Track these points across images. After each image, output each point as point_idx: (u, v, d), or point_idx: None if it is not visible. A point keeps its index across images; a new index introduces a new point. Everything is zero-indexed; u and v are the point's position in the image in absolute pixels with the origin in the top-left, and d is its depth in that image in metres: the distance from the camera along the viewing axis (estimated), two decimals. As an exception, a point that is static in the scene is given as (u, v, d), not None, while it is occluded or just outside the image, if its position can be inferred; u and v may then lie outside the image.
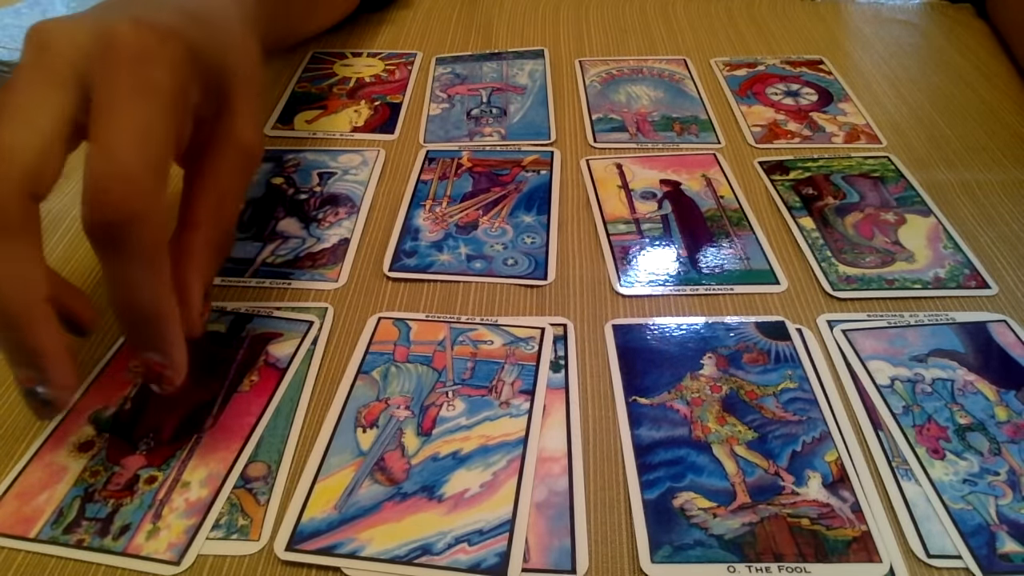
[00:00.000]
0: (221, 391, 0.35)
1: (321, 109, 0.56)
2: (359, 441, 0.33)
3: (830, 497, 0.31)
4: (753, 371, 0.36)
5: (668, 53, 0.63)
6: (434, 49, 0.64)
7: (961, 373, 0.36)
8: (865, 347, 0.37)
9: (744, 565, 0.29)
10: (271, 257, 0.43)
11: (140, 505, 0.31)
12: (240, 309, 0.40)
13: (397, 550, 0.29)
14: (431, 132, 0.54)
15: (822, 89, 0.58)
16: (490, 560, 0.29)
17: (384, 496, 0.31)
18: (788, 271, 0.42)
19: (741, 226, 0.45)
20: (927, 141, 0.52)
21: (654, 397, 0.35)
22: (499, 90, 0.58)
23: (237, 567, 0.29)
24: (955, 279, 0.41)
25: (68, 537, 0.30)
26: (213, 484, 0.32)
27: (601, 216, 0.46)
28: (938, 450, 0.32)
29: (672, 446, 0.33)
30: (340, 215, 0.46)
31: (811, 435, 0.33)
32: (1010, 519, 0.30)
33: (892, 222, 0.45)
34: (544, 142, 0.52)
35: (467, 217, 0.46)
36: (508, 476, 0.32)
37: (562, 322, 0.39)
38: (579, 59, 0.62)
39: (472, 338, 0.38)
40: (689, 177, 0.49)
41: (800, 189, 0.47)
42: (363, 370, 0.36)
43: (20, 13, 0.69)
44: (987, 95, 0.57)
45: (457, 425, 0.34)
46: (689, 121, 0.54)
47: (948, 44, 0.64)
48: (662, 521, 0.30)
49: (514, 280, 0.41)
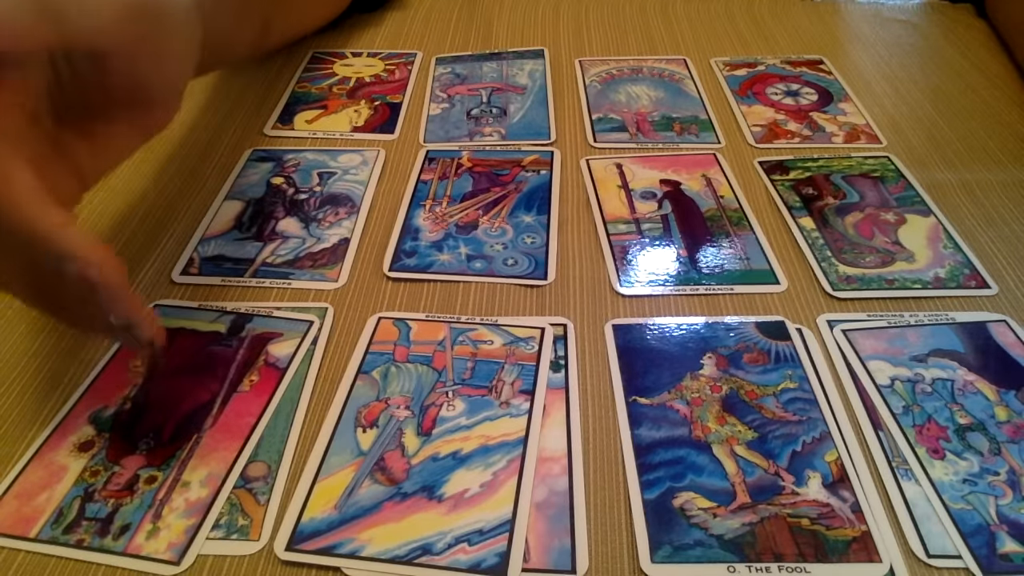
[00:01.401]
0: (221, 391, 0.35)
1: (321, 109, 0.56)
2: (359, 441, 0.33)
3: (830, 497, 0.31)
4: (753, 371, 0.36)
5: (668, 53, 0.63)
6: (434, 49, 0.64)
7: (961, 373, 0.36)
8: (865, 347, 0.37)
9: (744, 565, 0.29)
10: (271, 257, 0.43)
11: (140, 505, 0.31)
12: (240, 309, 0.40)
13: (397, 550, 0.29)
14: (431, 132, 0.54)
15: (822, 89, 0.58)
16: (490, 560, 0.29)
17: (384, 496, 0.31)
18: (788, 271, 0.42)
19: (741, 226, 0.45)
20: (927, 141, 0.52)
21: (654, 397, 0.35)
22: (499, 90, 0.58)
23: (237, 567, 0.29)
24: (955, 279, 0.41)
25: (68, 537, 0.30)
26: (213, 484, 0.32)
27: (601, 216, 0.46)
28: (938, 450, 0.32)
29: (672, 446, 0.33)
30: (340, 215, 0.46)
31: (811, 435, 0.33)
32: (1010, 519, 0.30)
33: (892, 222, 0.45)
34: (544, 142, 0.52)
35: (467, 217, 0.46)
36: (508, 476, 0.32)
37: (562, 322, 0.39)
38: (579, 59, 0.62)
39: (472, 338, 0.38)
40: (689, 177, 0.49)
41: (800, 189, 0.47)
42: (363, 370, 0.36)
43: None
44: (987, 95, 0.57)
45: (457, 425, 0.34)
46: (689, 121, 0.54)
47: (948, 44, 0.64)
48: (662, 521, 0.30)
49: (514, 280, 0.41)
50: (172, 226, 0.45)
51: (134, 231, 0.45)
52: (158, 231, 0.45)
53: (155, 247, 0.44)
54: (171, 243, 0.44)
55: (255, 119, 0.55)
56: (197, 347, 0.38)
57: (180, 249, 0.44)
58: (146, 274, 0.42)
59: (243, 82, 0.60)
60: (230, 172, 0.50)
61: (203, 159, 0.51)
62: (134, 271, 0.42)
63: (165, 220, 0.46)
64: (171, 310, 0.40)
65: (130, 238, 0.44)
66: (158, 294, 0.41)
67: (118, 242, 0.44)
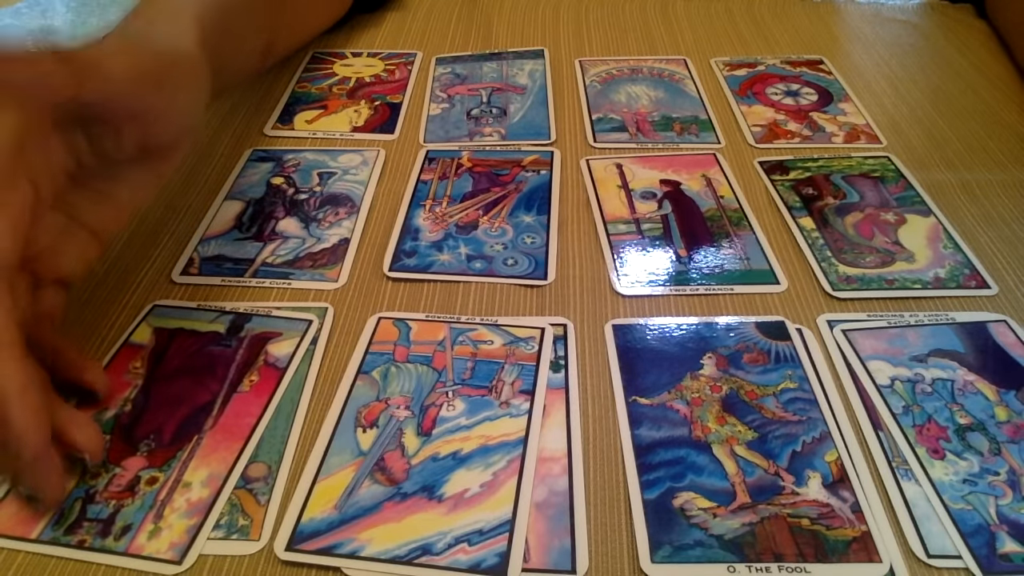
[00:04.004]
0: (221, 391, 0.35)
1: (321, 109, 0.56)
2: (359, 441, 0.33)
3: (830, 497, 0.31)
4: (753, 371, 0.36)
5: (668, 53, 0.63)
6: (434, 49, 0.64)
7: (961, 373, 0.36)
8: (865, 347, 0.37)
9: (744, 565, 0.29)
10: (271, 257, 0.43)
11: (141, 506, 0.31)
12: (240, 309, 0.40)
13: (397, 550, 0.29)
14: (431, 132, 0.54)
15: (822, 89, 0.58)
16: (490, 560, 0.29)
17: (384, 496, 0.31)
18: (788, 271, 0.42)
19: (741, 226, 0.45)
20: (927, 141, 0.52)
21: (654, 397, 0.35)
22: (499, 90, 0.58)
23: (237, 567, 0.29)
24: (955, 279, 0.41)
25: (69, 538, 0.30)
26: (214, 484, 0.32)
27: (601, 216, 0.46)
28: (938, 450, 0.32)
29: (672, 446, 0.33)
30: (340, 215, 0.46)
31: (811, 435, 0.33)
32: (1010, 519, 0.30)
33: (892, 222, 0.45)
34: (544, 142, 0.52)
35: (467, 217, 0.46)
36: (508, 476, 0.32)
37: (562, 322, 0.39)
38: (579, 59, 0.62)
39: (472, 338, 0.38)
40: (689, 177, 0.49)
41: (800, 189, 0.47)
42: (363, 370, 0.36)
43: (20, 13, 0.69)
44: (987, 95, 0.57)
45: (457, 425, 0.34)
46: (689, 121, 0.54)
47: (948, 44, 0.64)
48: (662, 521, 0.30)
49: (514, 280, 0.41)
50: (172, 226, 0.45)
51: (134, 231, 0.45)
52: (158, 231, 0.45)
53: (155, 247, 0.44)
54: (171, 243, 0.44)
55: (255, 119, 0.55)
56: (197, 347, 0.38)
57: (180, 249, 0.44)
58: (146, 274, 0.42)
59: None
60: (230, 172, 0.50)
61: (203, 159, 0.51)
62: (134, 271, 0.42)
63: (165, 220, 0.46)
64: (171, 310, 0.40)
65: (130, 238, 0.44)
66: (158, 294, 0.41)
67: (118, 242, 0.44)
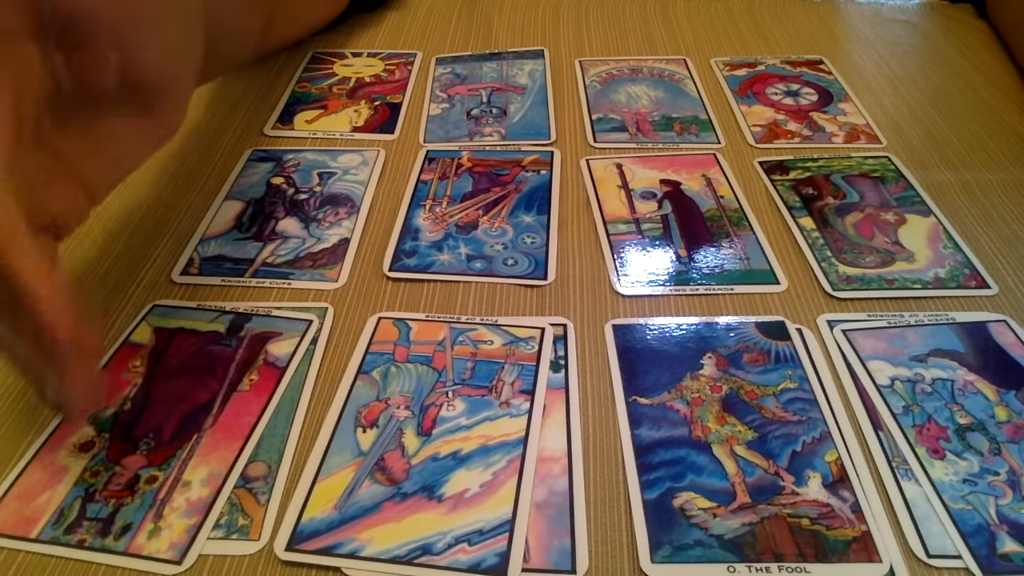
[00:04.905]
0: (221, 390, 0.35)
1: (321, 109, 0.56)
2: (359, 441, 0.33)
3: (830, 497, 0.31)
4: (753, 371, 0.36)
5: (668, 53, 0.63)
6: (434, 49, 0.64)
7: (961, 373, 0.36)
8: (865, 347, 0.37)
9: (744, 565, 0.29)
10: (271, 257, 0.43)
11: (141, 505, 0.31)
12: (240, 309, 0.40)
13: (397, 550, 0.29)
14: (431, 132, 0.54)
15: (822, 89, 0.58)
16: (490, 560, 0.29)
17: (384, 496, 0.31)
18: (788, 271, 0.42)
19: (741, 226, 0.45)
20: (927, 141, 0.52)
21: (654, 397, 0.35)
22: (499, 90, 0.58)
23: (237, 567, 0.29)
24: (955, 279, 0.41)
25: (69, 537, 0.30)
26: (214, 484, 0.32)
27: (601, 216, 0.46)
28: (938, 450, 0.32)
29: (672, 446, 0.33)
30: (340, 215, 0.46)
31: (811, 435, 0.33)
32: (1010, 519, 0.30)
33: (892, 222, 0.45)
34: (544, 142, 0.52)
35: (467, 217, 0.46)
36: (508, 476, 0.32)
37: (562, 322, 0.39)
38: (579, 59, 0.62)
39: (472, 338, 0.38)
40: (689, 177, 0.49)
41: (800, 189, 0.47)
42: (363, 370, 0.36)
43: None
44: (987, 95, 0.57)
45: (457, 425, 0.34)
46: (689, 121, 0.54)
47: (948, 44, 0.64)
48: (662, 521, 0.30)
49: (514, 280, 0.41)
50: (172, 226, 0.45)
51: (134, 231, 0.45)
52: (158, 231, 0.45)
53: (155, 247, 0.44)
54: (171, 243, 0.44)
55: (255, 119, 0.55)
56: (196, 346, 0.38)
57: (180, 249, 0.44)
58: (146, 274, 0.42)
59: (243, 82, 0.60)
60: (230, 172, 0.50)
61: (203, 159, 0.51)
62: (134, 271, 0.42)
63: (165, 220, 0.46)
64: (171, 310, 0.40)
65: (130, 238, 0.44)
66: (158, 294, 0.41)
67: (118, 242, 0.44)
